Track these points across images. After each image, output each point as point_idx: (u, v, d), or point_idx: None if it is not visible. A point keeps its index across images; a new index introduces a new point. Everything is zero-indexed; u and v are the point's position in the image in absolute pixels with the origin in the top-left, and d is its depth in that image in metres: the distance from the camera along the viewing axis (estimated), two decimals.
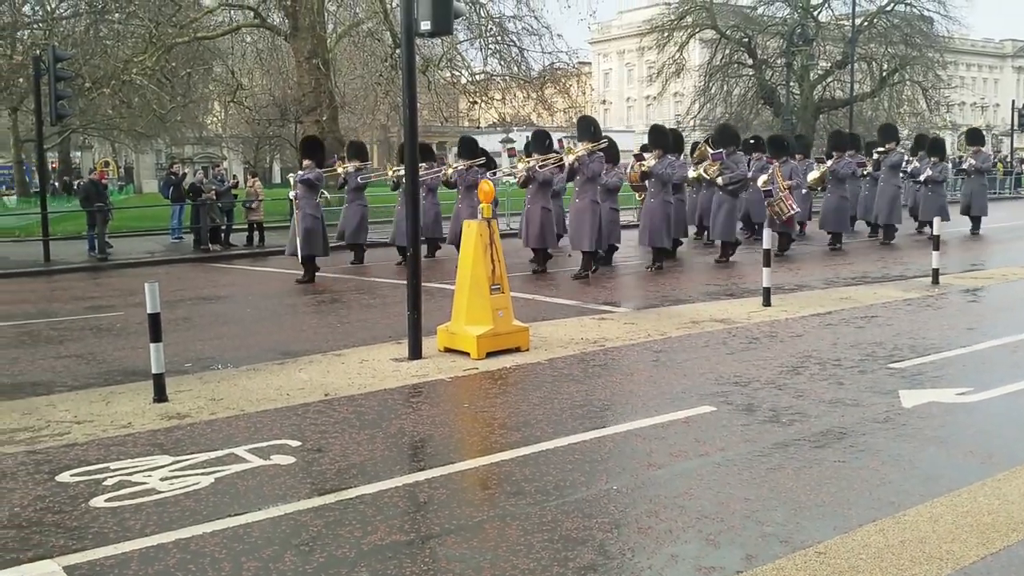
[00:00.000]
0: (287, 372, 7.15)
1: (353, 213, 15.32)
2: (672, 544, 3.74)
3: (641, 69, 67.95)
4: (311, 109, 25.51)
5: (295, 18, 24.14)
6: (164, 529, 3.96)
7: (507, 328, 7.69)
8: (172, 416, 5.84)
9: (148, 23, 23.52)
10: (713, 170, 14.74)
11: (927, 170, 18.07)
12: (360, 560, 3.62)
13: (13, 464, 4.93)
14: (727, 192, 14.62)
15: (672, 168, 13.92)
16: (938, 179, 18.17)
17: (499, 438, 5.30)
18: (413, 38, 7.67)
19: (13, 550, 3.79)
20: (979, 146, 20.18)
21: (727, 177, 14.55)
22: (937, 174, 18.16)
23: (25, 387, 6.91)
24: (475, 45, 28.47)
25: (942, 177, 18.47)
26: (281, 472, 4.72)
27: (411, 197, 7.80)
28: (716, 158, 14.88)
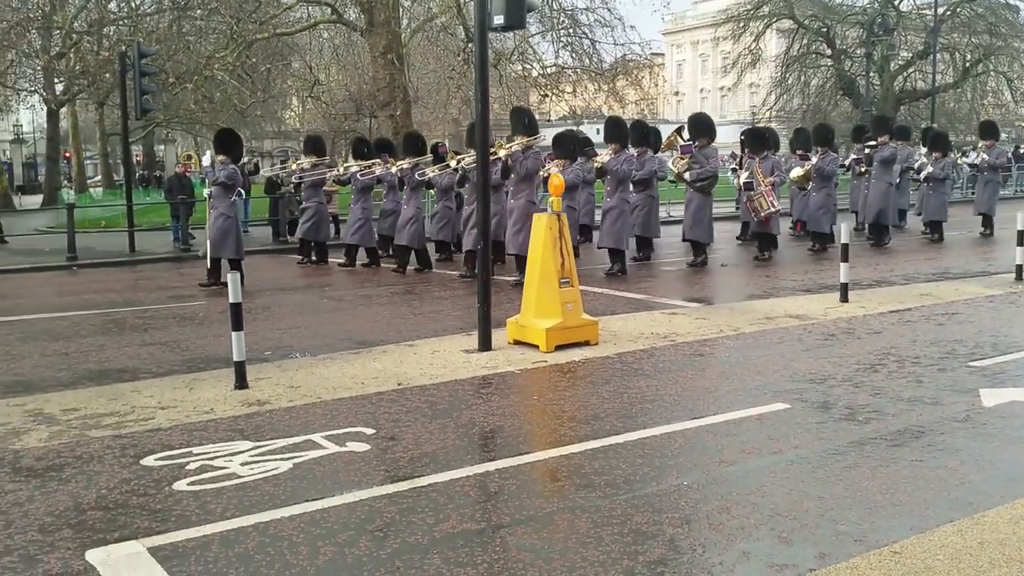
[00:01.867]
0: (362, 361, 7.29)
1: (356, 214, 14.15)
2: (744, 541, 3.72)
3: (716, 60, 66.97)
4: (385, 104, 25.83)
5: (371, 14, 24.44)
6: (244, 513, 4.10)
7: (576, 321, 7.71)
8: (252, 403, 6.02)
9: (229, 20, 24.10)
10: (681, 164, 13.45)
11: (928, 166, 16.74)
12: (432, 547, 3.69)
13: (100, 448, 5.14)
14: (696, 189, 13.42)
15: (629, 164, 12.77)
16: (939, 176, 16.62)
17: (568, 431, 5.32)
18: (486, 32, 7.71)
19: (100, 531, 3.96)
20: (993, 140, 18.51)
21: (695, 173, 13.30)
22: (939, 171, 16.61)
23: (111, 373, 7.18)
24: (547, 38, 28.44)
25: (944, 174, 16.88)
26: (356, 459, 4.82)
27: (481, 193, 7.85)
28: (685, 151, 13.47)
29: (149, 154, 46.46)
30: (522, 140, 11.47)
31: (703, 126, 13.82)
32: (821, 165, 15.19)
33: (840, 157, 16.80)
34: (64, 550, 3.74)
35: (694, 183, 13.35)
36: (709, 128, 13.85)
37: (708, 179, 13.38)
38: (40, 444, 5.21)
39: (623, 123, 13.61)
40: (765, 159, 14.24)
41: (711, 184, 13.50)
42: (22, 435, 5.39)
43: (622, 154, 12.70)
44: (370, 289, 11.81)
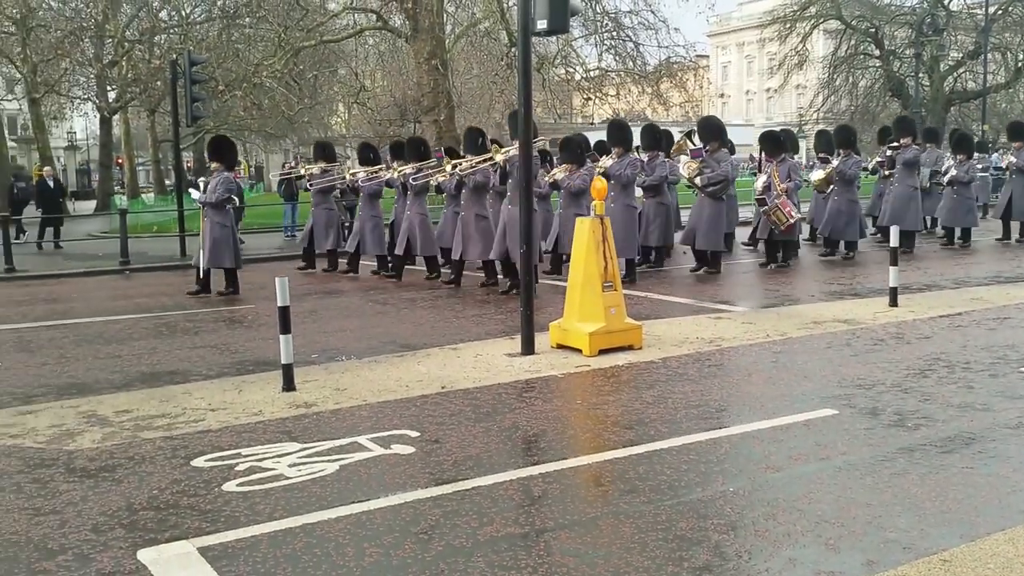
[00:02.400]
0: (406, 364, 7.35)
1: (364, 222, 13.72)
2: (790, 547, 3.69)
3: (761, 61, 66.33)
4: (429, 109, 26.01)
5: (415, 20, 24.65)
6: (292, 514, 4.16)
7: (620, 326, 7.69)
8: (300, 405, 6.10)
9: (277, 27, 24.48)
10: (692, 168, 12.88)
11: (952, 169, 15.79)
12: (476, 550, 3.71)
13: (152, 449, 5.25)
14: (708, 195, 12.88)
15: (633, 168, 12.20)
16: (963, 179, 15.66)
17: (612, 436, 5.32)
18: (529, 37, 7.73)
19: (152, 530, 4.04)
20: (1022, 141, 17.23)
21: (706, 177, 12.74)
22: (963, 174, 15.63)
23: (163, 376, 7.33)
24: (590, 41, 28.42)
25: (969, 177, 15.86)
26: (401, 461, 4.87)
27: (524, 197, 7.87)
28: (696, 155, 12.93)
29: (200, 160, 47.29)
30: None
31: (714, 130, 13.47)
32: (843, 168, 14.48)
33: (863, 160, 16.06)
34: (116, 549, 3.83)
35: (706, 188, 12.87)
36: (720, 132, 13.52)
37: (720, 183, 12.92)
38: (94, 445, 5.33)
39: (626, 126, 13.13)
40: (782, 162, 13.67)
41: (723, 188, 13.05)
42: (76, 436, 5.52)
43: (625, 158, 12.20)
44: (414, 292, 11.89)
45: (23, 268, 15.70)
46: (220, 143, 12.91)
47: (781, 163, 13.59)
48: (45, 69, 31.22)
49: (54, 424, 5.80)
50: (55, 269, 16.09)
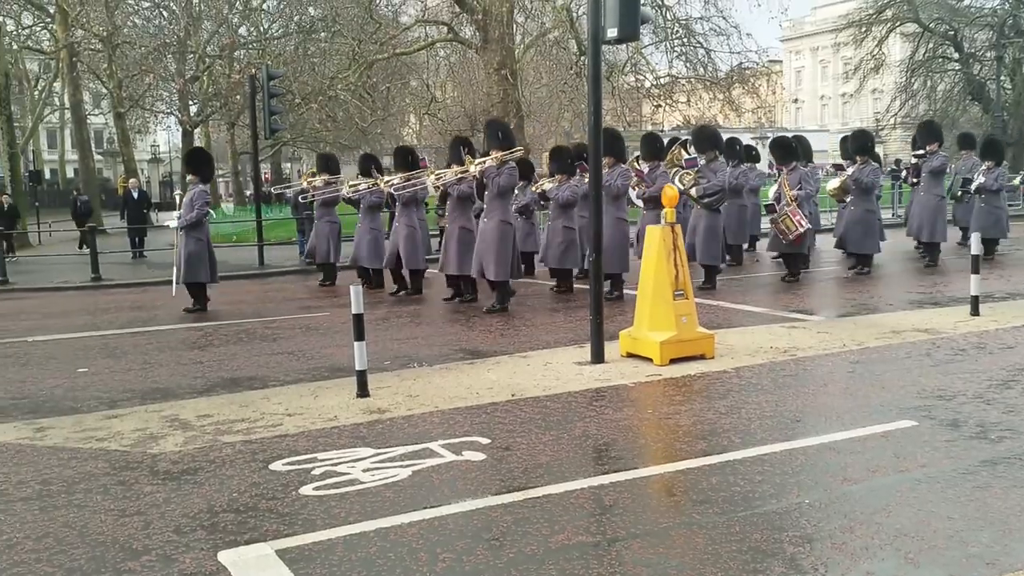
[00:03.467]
0: (476, 372, 7.40)
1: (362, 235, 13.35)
2: (868, 561, 3.61)
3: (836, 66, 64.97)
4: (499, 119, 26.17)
5: (485, 31, 24.85)
6: (366, 518, 4.23)
7: (691, 335, 7.62)
8: (373, 411, 6.20)
9: (352, 41, 24.95)
10: (688, 179, 12.05)
11: (979, 177, 14.73)
12: (548, 558, 3.72)
13: (232, 453, 5.39)
14: (705, 207, 12.20)
15: (624, 179, 11.56)
16: (991, 187, 14.55)
17: (684, 446, 5.27)
18: (599, 45, 7.73)
19: (232, 532, 4.14)
20: None
21: (701, 188, 12.02)
22: (991, 182, 14.54)
23: (242, 381, 7.53)
24: (660, 48, 28.23)
25: (998, 185, 14.75)
26: (473, 468, 4.91)
27: (595, 204, 7.88)
28: (691, 165, 12.17)
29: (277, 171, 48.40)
30: (497, 155, 10.70)
31: (709, 138, 12.94)
32: (859, 176, 13.50)
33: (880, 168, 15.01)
34: (198, 551, 3.93)
35: (701, 199, 12.14)
36: (716, 140, 13.00)
37: (716, 195, 12.24)
38: (176, 449, 5.50)
39: (617, 135, 12.49)
40: (793, 170, 12.98)
41: (720, 200, 12.41)
42: (159, 440, 5.71)
43: (616, 168, 11.49)
44: (485, 300, 11.96)
45: (109, 277, 16.29)
46: (197, 155, 12.72)
47: (792, 171, 12.97)
48: (130, 84, 32.40)
49: (139, 428, 6.01)
50: (139, 278, 16.65)
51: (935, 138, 14.40)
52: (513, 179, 10.91)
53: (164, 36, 30.18)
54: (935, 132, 14.69)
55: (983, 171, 14.83)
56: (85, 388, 7.41)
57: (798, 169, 13.06)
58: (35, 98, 45.90)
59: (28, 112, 47.11)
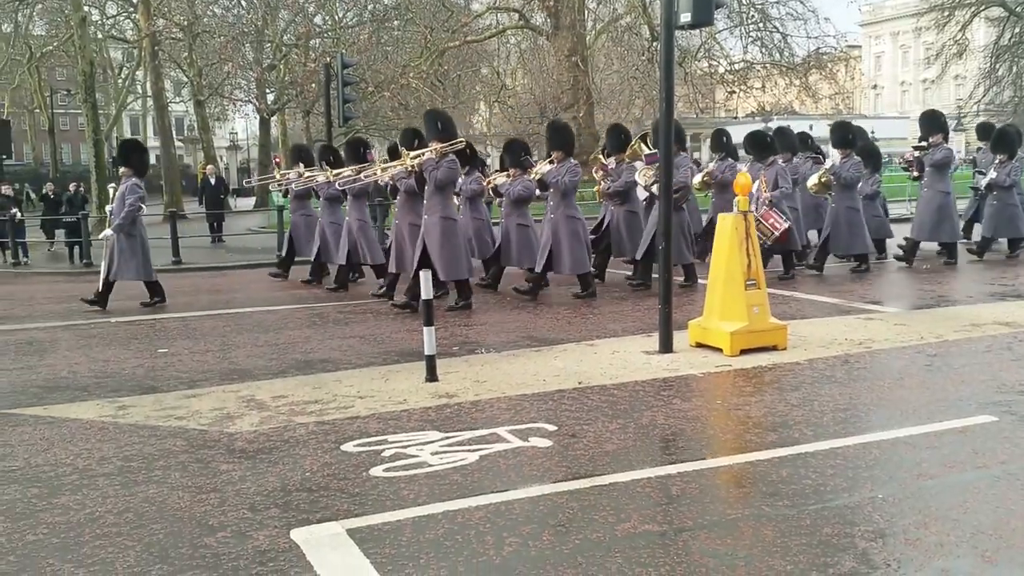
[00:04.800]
0: (543, 359, 7.42)
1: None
2: (943, 558, 3.53)
3: (918, 51, 63.00)
4: (569, 106, 26.13)
5: (557, 18, 24.81)
6: (434, 500, 4.28)
7: (763, 325, 7.50)
8: (442, 395, 6.27)
9: (424, 30, 25.16)
10: (648, 175, 11.30)
11: (991, 172, 13.73)
12: (614, 545, 3.72)
13: (305, 433, 5.51)
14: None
15: (573, 175, 10.82)
16: (1004, 183, 13.50)
17: (753, 437, 5.21)
18: (672, 31, 7.63)
19: (304, 511, 4.23)
20: None
21: None
22: (1004, 177, 13.48)
23: (316, 364, 7.68)
24: (735, 33, 27.80)
25: (1011, 181, 13.61)
26: (539, 454, 4.93)
27: (664, 196, 7.80)
28: (651, 160, 11.27)
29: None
30: (436, 147, 9.99)
31: None
32: (839, 171, 12.46)
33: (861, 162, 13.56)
34: (271, 528, 4.03)
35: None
36: (677, 134, 11.83)
37: (679, 191, 11.06)
38: (252, 428, 5.65)
39: (566, 128, 11.80)
40: (771, 166, 12.10)
41: (682, 197, 11.35)
42: (236, 419, 5.86)
43: (565, 163, 10.83)
44: (551, 287, 11.96)
45: (189, 260, 16.78)
46: (129, 146, 11.98)
47: (769, 167, 12.08)
48: (209, 73, 33.23)
49: (216, 407, 6.18)
50: (217, 262, 17.11)
51: (938, 129, 13.24)
52: (453, 173, 10.12)
53: (242, 25, 30.83)
54: (938, 122, 13.39)
55: (995, 165, 13.85)
56: (165, 368, 7.66)
57: (776, 165, 12.18)
58: (119, 86, 47.45)
59: (112, 100, 48.72)
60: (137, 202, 10.98)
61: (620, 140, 12.01)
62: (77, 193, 21.62)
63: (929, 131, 13.28)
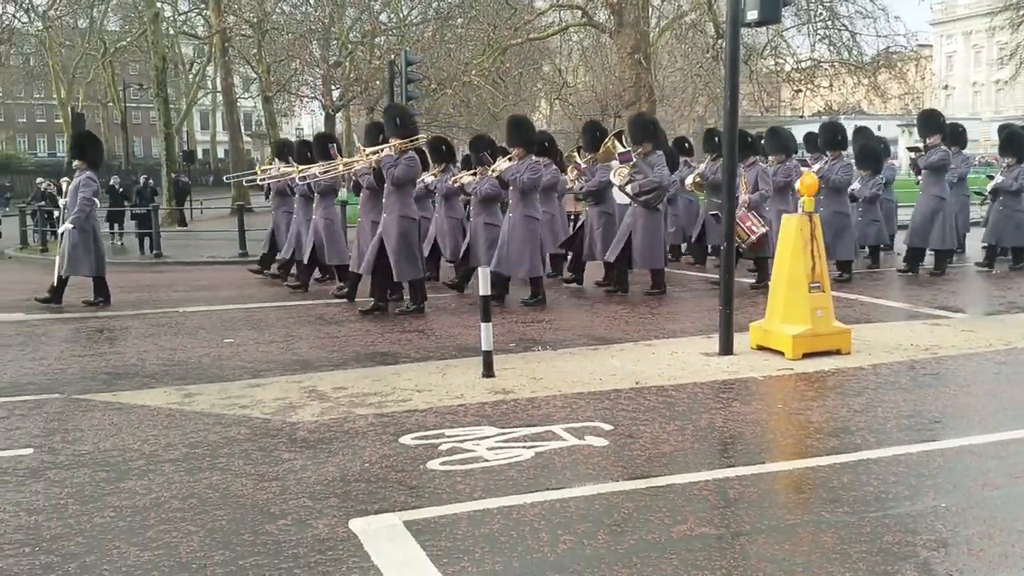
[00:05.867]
0: (600, 358, 7.41)
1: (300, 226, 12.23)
2: (1007, 570, 3.44)
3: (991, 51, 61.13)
4: (630, 103, 25.92)
5: (620, 15, 24.64)
6: (490, 495, 4.31)
7: (826, 329, 7.38)
8: (498, 391, 6.30)
9: (487, 27, 25.24)
10: (622, 175, 10.86)
11: (997, 176, 13.07)
12: (670, 547, 3.71)
13: (364, 425, 5.59)
14: (641, 204, 10.82)
15: (534, 172, 10.37)
16: (1010, 188, 12.73)
17: (814, 442, 5.13)
18: (738, 28, 7.54)
19: (363, 501, 4.30)
20: None
21: (636, 185, 10.68)
22: (1011, 181, 12.68)
23: (376, 357, 7.78)
24: (802, 31, 27.26)
25: (1018, 185, 12.81)
26: (595, 453, 4.93)
27: (727, 192, 7.72)
28: (624, 159, 10.88)
29: None
30: (396, 143, 9.66)
31: (645, 129, 11.25)
32: (827, 174, 11.64)
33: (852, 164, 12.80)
34: (331, 517, 4.09)
35: (637, 196, 10.77)
36: (653, 131, 11.34)
37: (653, 192, 10.75)
38: (313, 418, 5.75)
39: (527, 123, 11.28)
40: (751, 167, 11.54)
41: (657, 197, 10.88)
42: (298, 409, 5.97)
43: (526, 160, 10.38)
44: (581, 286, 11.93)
45: (255, 253, 17.07)
46: (83, 139, 11.57)
47: (750, 168, 11.54)
48: (277, 69, 33.78)
49: (279, 397, 6.30)
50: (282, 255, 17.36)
51: (936, 129, 12.40)
52: (412, 170, 9.71)
53: (310, 22, 31.28)
54: (936, 123, 12.56)
55: (1003, 169, 13.10)
56: (230, 358, 7.83)
57: (756, 166, 11.64)
58: (189, 81, 48.55)
59: (183, 95, 49.90)
60: (91, 196, 10.71)
61: (595, 138, 11.58)
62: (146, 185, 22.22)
63: (927, 132, 12.53)
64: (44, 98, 63.27)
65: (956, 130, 13.97)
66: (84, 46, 39.63)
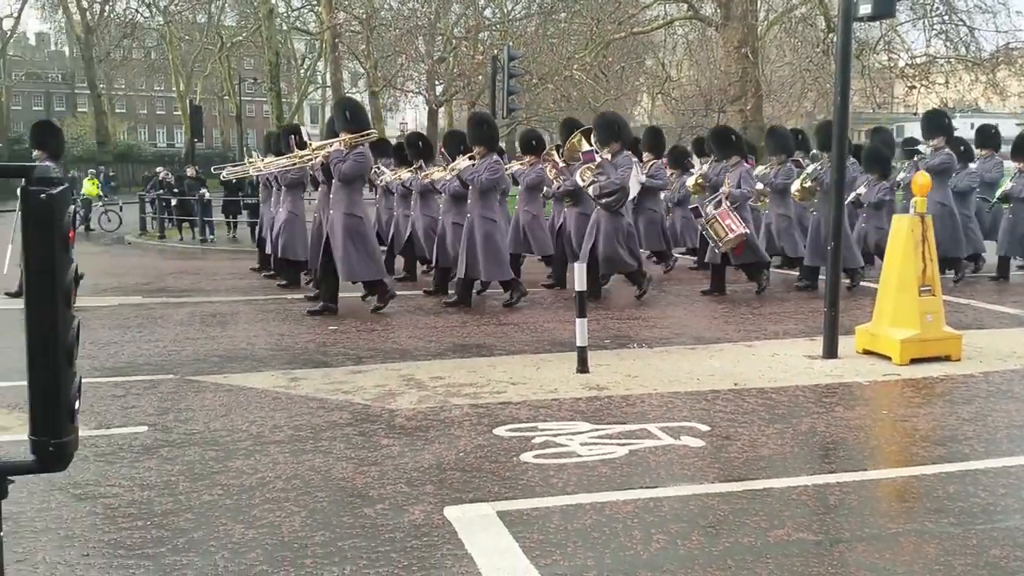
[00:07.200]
0: (697, 357, 7.32)
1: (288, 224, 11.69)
2: None
3: None
4: (736, 98, 25.46)
5: (727, 8, 24.21)
6: (583, 490, 4.32)
7: (936, 334, 7.11)
8: (592, 387, 6.31)
9: (590, 21, 25.16)
10: (587, 175, 10.26)
11: (1007, 181, 12.06)
12: (766, 551, 3.65)
13: (460, 415, 5.68)
14: (603, 207, 10.24)
15: (493, 172, 9.84)
16: (1021, 195, 11.79)
17: (920, 450, 4.97)
18: (851, 22, 7.33)
19: (457, 490, 4.36)
20: None
21: (598, 187, 10.08)
22: (1021, 188, 11.77)
23: (471, 348, 7.88)
24: (917, 26, 26.27)
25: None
26: (690, 453, 4.89)
27: (836, 194, 7.51)
28: (587, 159, 10.31)
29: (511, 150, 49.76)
30: (346, 137, 9.25)
31: (611, 128, 10.53)
32: (823, 177, 10.77)
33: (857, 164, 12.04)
34: (426, 504, 4.17)
35: (598, 199, 10.19)
36: (619, 130, 10.61)
37: (615, 194, 10.13)
38: (410, 406, 5.87)
39: (489, 121, 10.81)
40: (735, 166, 10.89)
41: (620, 200, 10.23)
42: (396, 397, 6.11)
43: (486, 159, 9.88)
44: (707, 285, 11.74)
45: None
46: (43, 128, 11.17)
47: (733, 168, 10.87)
48: (384, 65, 34.45)
49: (379, 384, 6.46)
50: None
51: (940, 131, 11.63)
52: (361, 166, 9.27)
53: (416, 18, 31.78)
54: (940, 124, 11.78)
55: (1015, 176, 12.07)
56: (334, 344, 8.06)
57: (740, 166, 10.94)
58: (301, 76, 50.00)
59: (295, 89, 51.39)
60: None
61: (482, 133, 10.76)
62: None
63: (930, 133, 11.76)
64: (164, 90, 66.13)
65: (987, 131, 13.15)
66: (202, 41, 41.27)
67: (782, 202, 11.83)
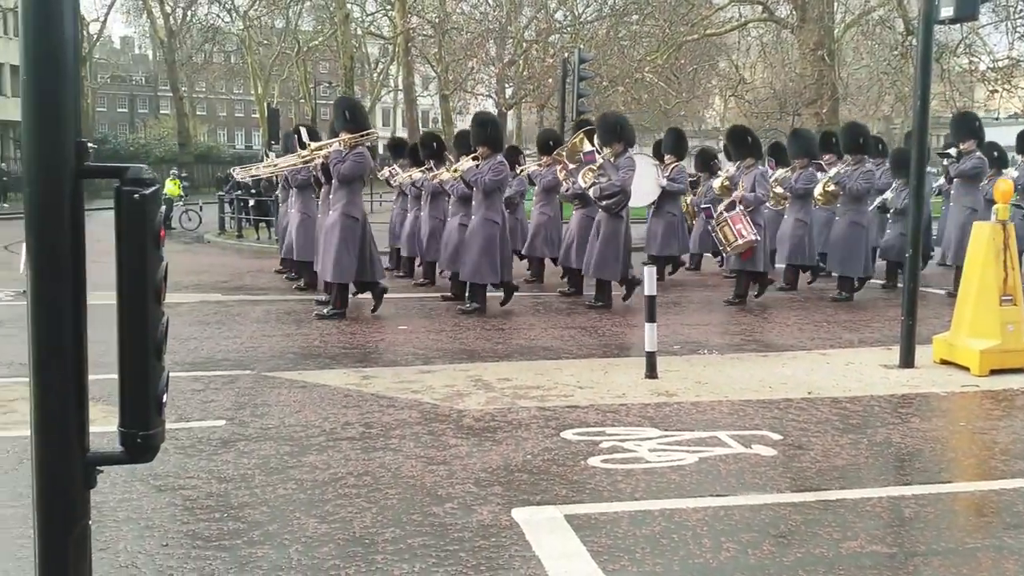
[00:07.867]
0: (769, 365, 7.22)
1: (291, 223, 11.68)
2: None
3: None
4: (811, 101, 25.04)
5: (803, 10, 23.82)
6: (651, 497, 4.31)
7: (1018, 345, 6.89)
8: (661, 393, 6.27)
9: (663, 23, 25.01)
10: (588, 177, 10.07)
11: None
12: (838, 563, 3.59)
13: (527, 417, 5.70)
14: (603, 209, 9.97)
15: (496, 173, 9.62)
16: None
17: (999, 464, 4.82)
18: (931, 25, 7.15)
19: (525, 492, 4.39)
20: None
21: (598, 189, 9.84)
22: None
23: (538, 351, 7.91)
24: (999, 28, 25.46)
25: None
26: (762, 462, 4.83)
27: (915, 199, 7.33)
28: (588, 160, 10.16)
29: None
30: (345, 137, 9.21)
31: (612, 130, 10.15)
32: (842, 179, 10.75)
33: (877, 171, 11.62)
34: (494, 504, 4.20)
35: (599, 200, 9.95)
36: (622, 131, 10.17)
37: (616, 196, 9.85)
38: (479, 407, 5.92)
39: (493, 121, 10.57)
40: (750, 169, 10.64)
41: (620, 203, 9.94)
42: (465, 397, 6.17)
43: (490, 160, 9.68)
44: (777, 291, 11.56)
45: None
46: None
47: (748, 170, 10.61)
48: (455, 68, 34.78)
49: (447, 384, 6.53)
50: None
51: (971, 134, 11.07)
52: (360, 166, 9.13)
53: (488, 22, 32.01)
54: (971, 126, 11.21)
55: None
56: (404, 344, 8.17)
57: (755, 168, 10.65)
58: (374, 80, 50.73)
59: (368, 92, 52.12)
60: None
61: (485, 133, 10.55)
62: None
63: (960, 136, 11.20)
64: (243, 94, 67.71)
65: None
66: (280, 45, 42.22)
67: (802, 207, 11.54)
